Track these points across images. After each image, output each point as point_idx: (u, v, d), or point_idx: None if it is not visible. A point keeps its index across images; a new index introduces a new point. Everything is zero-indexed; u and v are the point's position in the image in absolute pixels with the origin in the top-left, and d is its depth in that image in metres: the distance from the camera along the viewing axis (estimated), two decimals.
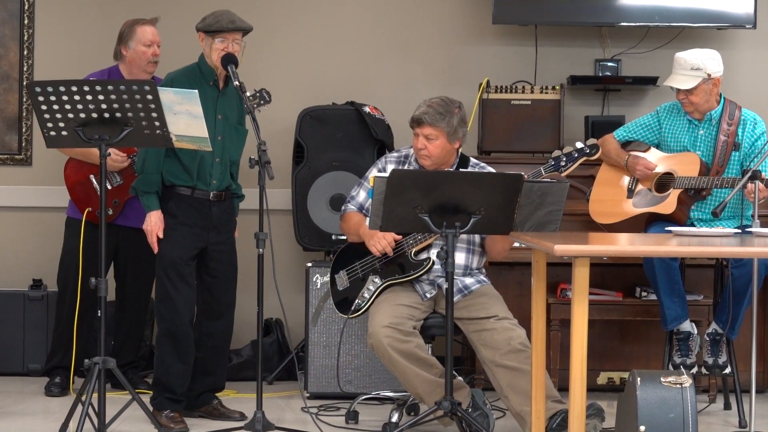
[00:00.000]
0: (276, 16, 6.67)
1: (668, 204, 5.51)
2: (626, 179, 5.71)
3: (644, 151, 5.71)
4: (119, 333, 6.04)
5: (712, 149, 5.54)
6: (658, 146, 5.70)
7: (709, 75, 5.46)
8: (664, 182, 5.58)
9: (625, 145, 5.76)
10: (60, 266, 6.02)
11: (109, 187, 5.80)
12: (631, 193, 5.67)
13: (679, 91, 5.51)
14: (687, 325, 5.44)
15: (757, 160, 5.31)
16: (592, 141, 5.09)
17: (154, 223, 5.14)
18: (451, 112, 5.08)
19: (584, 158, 5.05)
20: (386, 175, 4.61)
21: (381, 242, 5.05)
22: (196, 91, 4.71)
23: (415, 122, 5.09)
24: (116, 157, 5.74)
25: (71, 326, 5.82)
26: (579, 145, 5.06)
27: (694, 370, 5.41)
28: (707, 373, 5.47)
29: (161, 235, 5.14)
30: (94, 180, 5.84)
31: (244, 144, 5.34)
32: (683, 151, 5.59)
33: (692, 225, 5.52)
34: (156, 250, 5.17)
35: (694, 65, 5.46)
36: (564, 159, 5.04)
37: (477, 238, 5.18)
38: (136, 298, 6.01)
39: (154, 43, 5.86)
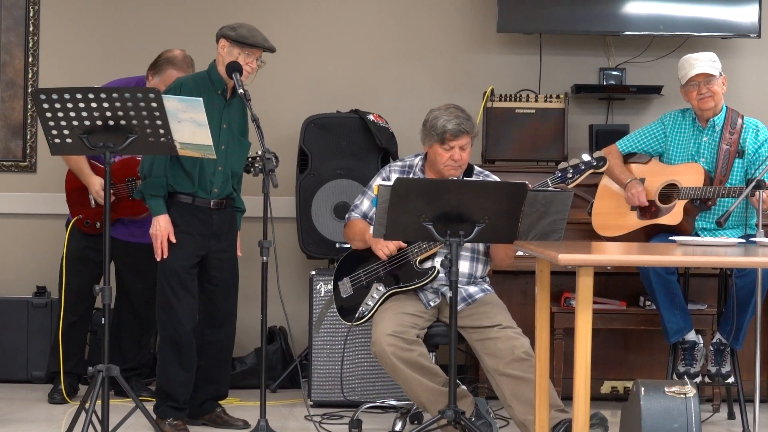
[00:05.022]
0: (281, 24, 6.67)
1: (674, 215, 5.49)
2: None
3: (645, 163, 5.70)
4: (121, 339, 6.03)
5: (715, 157, 5.53)
6: (661, 156, 5.68)
7: (720, 71, 5.49)
8: (667, 193, 5.57)
9: (628, 156, 5.74)
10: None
11: (101, 202, 5.80)
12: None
13: (700, 85, 5.47)
14: (692, 335, 5.43)
15: (763, 168, 5.30)
16: (599, 153, 5.10)
17: (162, 228, 5.11)
18: (470, 115, 5.09)
19: (591, 170, 5.05)
20: (390, 183, 4.61)
21: (389, 245, 5.04)
22: (201, 99, 4.70)
23: (452, 135, 5.02)
24: (101, 192, 5.71)
25: (58, 333, 5.85)
26: (586, 157, 5.04)
27: (698, 379, 5.40)
28: (711, 382, 5.46)
29: (173, 239, 5.12)
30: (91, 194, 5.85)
31: (246, 157, 5.32)
32: (687, 158, 5.58)
33: (696, 234, 5.51)
34: (164, 255, 5.12)
35: (711, 58, 5.49)
36: (571, 171, 5.03)
37: (481, 246, 5.18)
38: (141, 307, 5.99)
39: None
